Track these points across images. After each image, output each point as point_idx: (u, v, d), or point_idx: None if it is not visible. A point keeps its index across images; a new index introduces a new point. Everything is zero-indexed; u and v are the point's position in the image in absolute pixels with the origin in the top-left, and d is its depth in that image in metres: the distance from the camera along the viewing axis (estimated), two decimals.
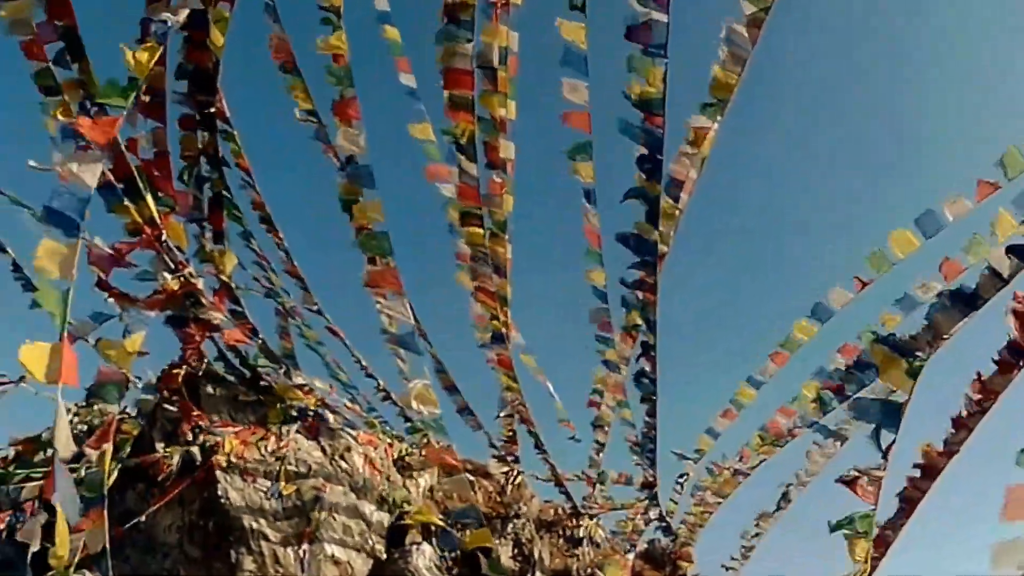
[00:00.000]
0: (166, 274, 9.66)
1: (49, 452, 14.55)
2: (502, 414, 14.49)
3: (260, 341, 11.53)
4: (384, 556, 12.64)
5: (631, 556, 16.22)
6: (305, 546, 11.88)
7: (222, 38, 9.14)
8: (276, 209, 11.46)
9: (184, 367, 11.12)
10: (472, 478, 14.28)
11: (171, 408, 11.77)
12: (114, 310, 9.48)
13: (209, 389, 12.08)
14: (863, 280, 13.55)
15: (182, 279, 9.73)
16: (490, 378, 13.47)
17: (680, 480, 16.55)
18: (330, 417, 12.65)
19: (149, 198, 9.19)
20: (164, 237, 9.49)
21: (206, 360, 11.57)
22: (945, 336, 9.59)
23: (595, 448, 15.41)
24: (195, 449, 11.85)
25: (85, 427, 14.42)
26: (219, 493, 11.70)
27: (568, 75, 9.93)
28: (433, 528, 12.71)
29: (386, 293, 9.42)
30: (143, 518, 11.58)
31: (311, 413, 12.30)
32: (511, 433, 14.94)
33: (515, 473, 14.83)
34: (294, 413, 12.19)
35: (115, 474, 9.70)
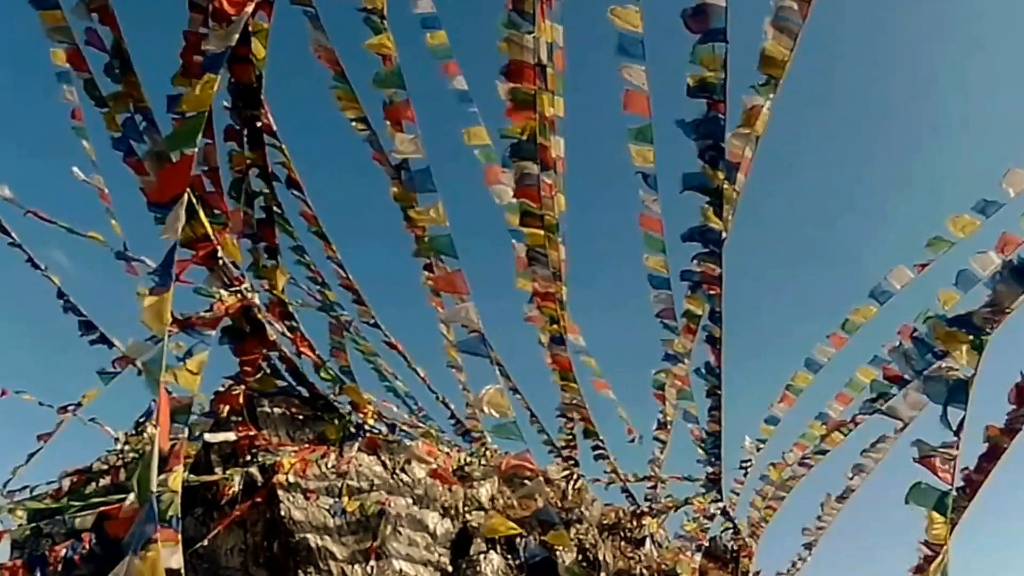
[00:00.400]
0: (222, 291, 9.40)
1: (102, 482, 14.44)
2: (561, 416, 14.11)
3: (317, 356, 11.23)
4: (451, 567, 12.41)
5: (696, 555, 15.78)
6: (372, 562, 11.64)
7: (264, 50, 8.85)
8: (328, 221, 11.16)
9: (241, 385, 10.83)
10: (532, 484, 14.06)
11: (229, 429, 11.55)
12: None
13: (266, 407, 11.84)
14: (923, 264, 13.15)
15: (239, 295, 9.45)
16: (546, 382, 13.17)
17: (744, 467, 16.06)
18: (385, 429, 12.37)
19: (202, 214, 8.91)
20: (219, 253, 9.21)
21: (263, 377, 11.29)
22: (1008, 310, 9.24)
23: (658, 446, 15.04)
24: (255, 470, 11.64)
25: (137, 455, 14.26)
26: (282, 513, 11.47)
27: (625, 61, 9.57)
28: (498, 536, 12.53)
29: (455, 297, 9.07)
30: (204, 542, 11.40)
31: (370, 428, 12.01)
32: (571, 436, 14.59)
33: (576, 477, 14.50)
34: (352, 429, 11.91)
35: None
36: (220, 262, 9.33)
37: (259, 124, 9.38)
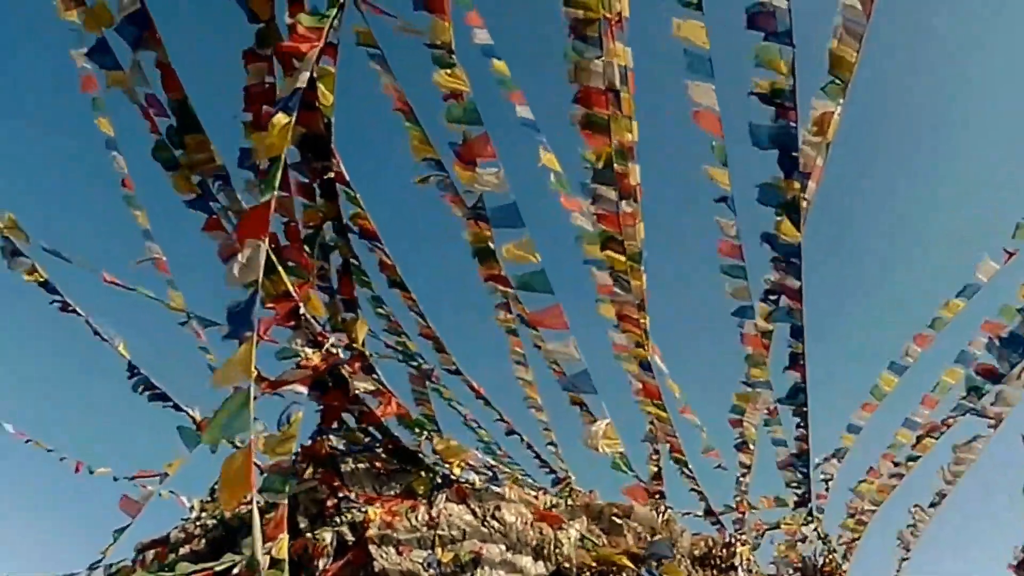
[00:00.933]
0: (307, 349, 9.15)
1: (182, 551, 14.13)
2: (648, 442, 13.65)
3: (403, 408, 10.91)
4: None
5: None
6: None
7: (331, 96, 8.65)
8: (405, 268, 10.90)
9: (326, 441, 10.55)
10: (620, 520, 13.62)
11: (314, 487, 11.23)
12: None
13: (349, 463, 11.53)
14: (1010, 251, 12.68)
15: (325, 352, 9.19)
16: (626, 413, 12.78)
17: (825, 479, 15.38)
18: (476, 477, 11.98)
19: (281, 269, 8.69)
20: (301, 309, 8.98)
21: (347, 432, 11.00)
22: None
23: (741, 471, 14.52)
24: (345, 528, 11.29)
25: (214, 521, 13.97)
26: (376, 570, 11.08)
27: (691, 77, 9.31)
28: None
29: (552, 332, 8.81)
30: None
31: (458, 477, 11.64)
32: (657, 468, 14.10)
33: (663, 509, 13.99)
34: (440, 479, 11.54)
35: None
36: (303, 318, 9.10)
37: (331, 174, 9.16)
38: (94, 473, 15.25)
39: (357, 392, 9.87)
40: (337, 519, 11.33)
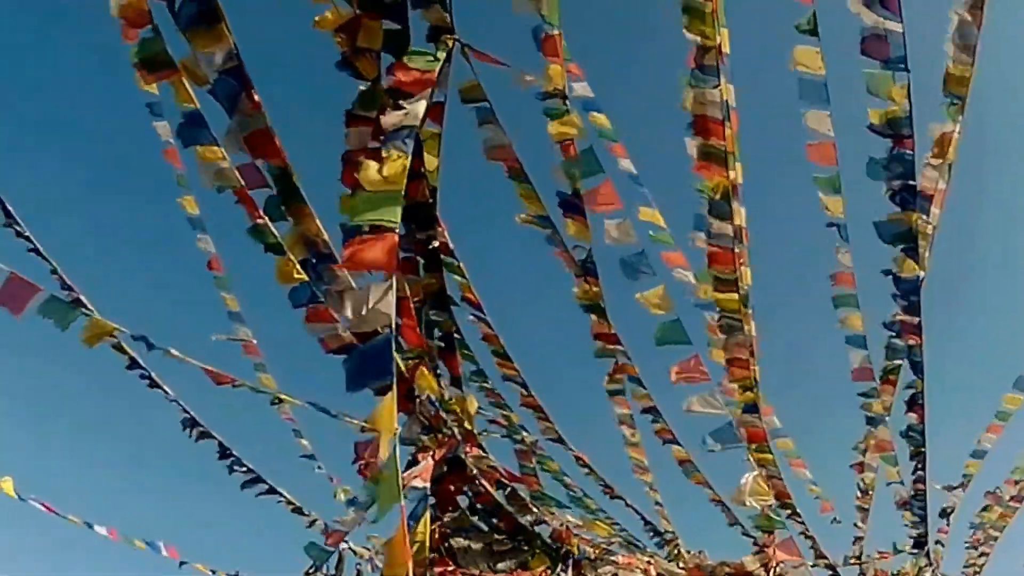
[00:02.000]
0: (423, 436, 8.42)
1: None
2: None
3: (514, 485, 10.17)
4: None
5: None
6: None
7: (436, 160, 8.01)
8: (507, 337, 10.23)
9: (438, 524, 9.74)
10: None
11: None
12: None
13: (462, 542, 10.71)
14: None
15: (442, 436, 8.46)
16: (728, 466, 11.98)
17: (947, 514, 14.40)
18: (589, 550, 11.15)
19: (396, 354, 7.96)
20: (416, 392, 8.26)
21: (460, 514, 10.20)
22: None
23: (859, 515, 13.62)
24: None
25: None
26: None
27: (807, 106, 8.72)
28: None
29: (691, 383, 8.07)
30: None
31: (573, 551, 10.80)
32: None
33: (776, 564, 13.07)
34: (556, 556, 10.71)
35: None
36: (417, 400, 8.39)
37: (435, 244, 8.48)
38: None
39: (474, 473, 9.11)
40: None
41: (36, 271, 8.94)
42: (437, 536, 10.16)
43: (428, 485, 8.21)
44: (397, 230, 5.68)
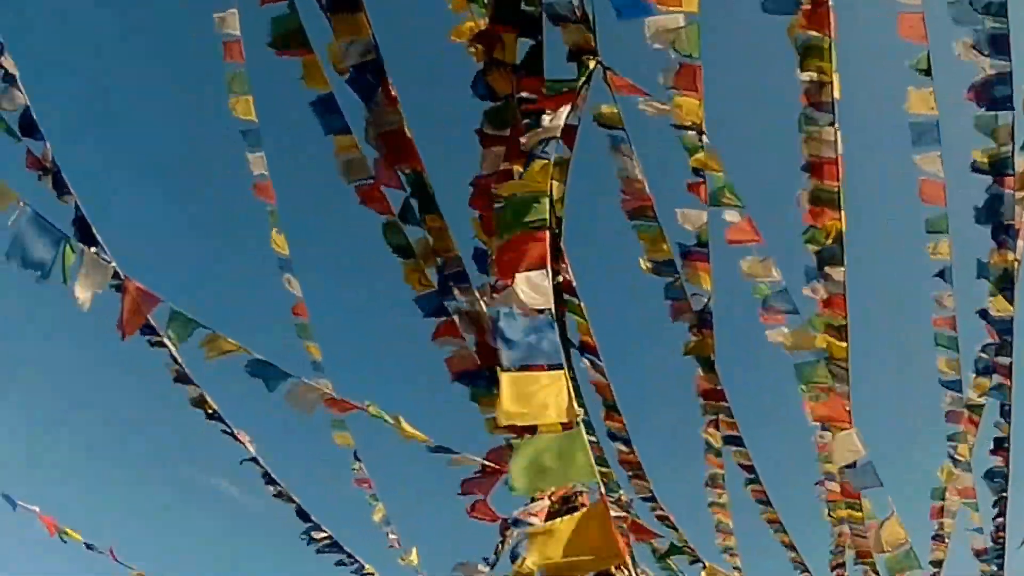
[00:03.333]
0: None
1: None
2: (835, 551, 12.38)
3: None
4: None
5: None
6: None
7: (563, 187, 7.72)
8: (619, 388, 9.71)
9: None
10: None
11: None
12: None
13: None
14: None
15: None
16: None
17: None
18: None
19: None
20: None
21: None
22: None
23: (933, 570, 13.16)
24: None
25: None
26: None
27: (919, 150, 8.70)
28: None
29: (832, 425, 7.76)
30: None
31: None
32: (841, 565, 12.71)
33: None
34: None
35: None
36: None
37: (559, 280, 8.17)
38: None
39: None
40: None
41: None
42: None
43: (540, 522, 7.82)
44: (548, 227, 5.58)
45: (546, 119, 6.42)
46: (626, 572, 6.63)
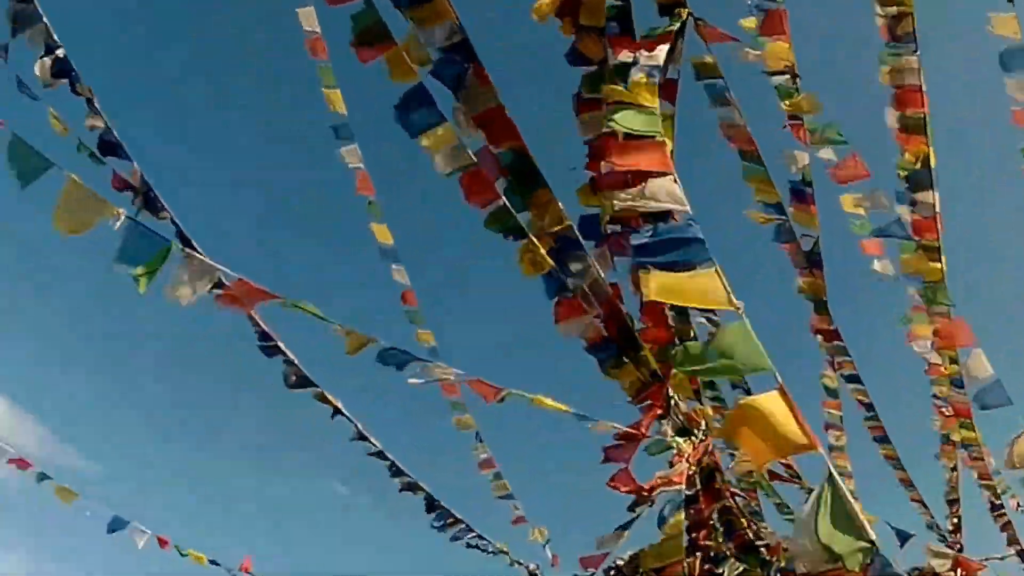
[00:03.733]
0: (678, 439, 7.73)
1: None
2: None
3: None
4: None
5: None
6: None
7: (670, 143, 7.48)
8: None
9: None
10: None
11: None
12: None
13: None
14: None
15: (695, 440, 7.78)
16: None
17: None
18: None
19: (647, 351, 7.39)
20: (671, 393, 7.61)
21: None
22: None
23: None
24: None
25: None
26: None
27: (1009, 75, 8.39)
28: None
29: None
30: None
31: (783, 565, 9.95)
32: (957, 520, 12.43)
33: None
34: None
35: None
36: (672, 402, 7.74)
37: None
38: None
39: (729, 490, 8.41)
40: None
41: None
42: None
43: (683, 487, 7.60)
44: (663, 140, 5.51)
45: (643, 57, 6.25)
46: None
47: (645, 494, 7.57)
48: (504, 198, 7.15)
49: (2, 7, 7.68)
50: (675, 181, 5.24)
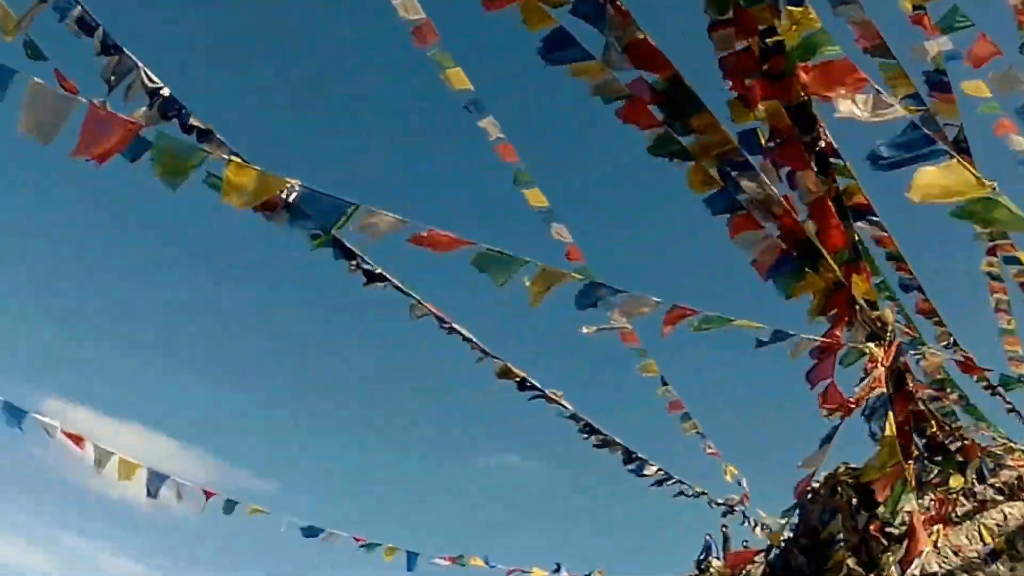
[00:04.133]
0: (871, 345, 7.50)
1: None
2: None
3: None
4: None
5: None
6: None
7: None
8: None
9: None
10: None
11: None
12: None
13: None
14: None
15: (886, 345, 7.53)
16: None
17: None
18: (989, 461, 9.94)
19: (829, 257, 7.16)
20: (855, 298, 7.38)
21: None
22: None
23: None
24: None
25: None
26: None
27: None
28: None
29: None
30: None
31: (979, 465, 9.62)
32: None
33: None
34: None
35: None
36: (858, 308, 7.50)
37: (821, 146, 7.69)
38: None
39: (919, 393, 8.16)
40: None
41: None
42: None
43: (885, 390, 7.37)
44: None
45: None
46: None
47: (852, 406, 7.38)
48: (664, 123, 6.99)
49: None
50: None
